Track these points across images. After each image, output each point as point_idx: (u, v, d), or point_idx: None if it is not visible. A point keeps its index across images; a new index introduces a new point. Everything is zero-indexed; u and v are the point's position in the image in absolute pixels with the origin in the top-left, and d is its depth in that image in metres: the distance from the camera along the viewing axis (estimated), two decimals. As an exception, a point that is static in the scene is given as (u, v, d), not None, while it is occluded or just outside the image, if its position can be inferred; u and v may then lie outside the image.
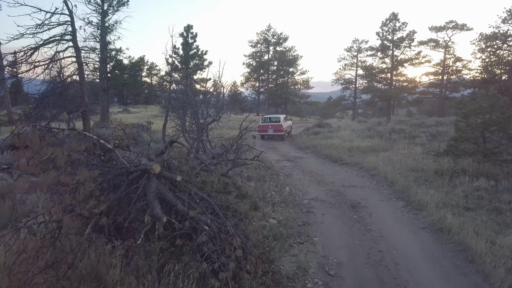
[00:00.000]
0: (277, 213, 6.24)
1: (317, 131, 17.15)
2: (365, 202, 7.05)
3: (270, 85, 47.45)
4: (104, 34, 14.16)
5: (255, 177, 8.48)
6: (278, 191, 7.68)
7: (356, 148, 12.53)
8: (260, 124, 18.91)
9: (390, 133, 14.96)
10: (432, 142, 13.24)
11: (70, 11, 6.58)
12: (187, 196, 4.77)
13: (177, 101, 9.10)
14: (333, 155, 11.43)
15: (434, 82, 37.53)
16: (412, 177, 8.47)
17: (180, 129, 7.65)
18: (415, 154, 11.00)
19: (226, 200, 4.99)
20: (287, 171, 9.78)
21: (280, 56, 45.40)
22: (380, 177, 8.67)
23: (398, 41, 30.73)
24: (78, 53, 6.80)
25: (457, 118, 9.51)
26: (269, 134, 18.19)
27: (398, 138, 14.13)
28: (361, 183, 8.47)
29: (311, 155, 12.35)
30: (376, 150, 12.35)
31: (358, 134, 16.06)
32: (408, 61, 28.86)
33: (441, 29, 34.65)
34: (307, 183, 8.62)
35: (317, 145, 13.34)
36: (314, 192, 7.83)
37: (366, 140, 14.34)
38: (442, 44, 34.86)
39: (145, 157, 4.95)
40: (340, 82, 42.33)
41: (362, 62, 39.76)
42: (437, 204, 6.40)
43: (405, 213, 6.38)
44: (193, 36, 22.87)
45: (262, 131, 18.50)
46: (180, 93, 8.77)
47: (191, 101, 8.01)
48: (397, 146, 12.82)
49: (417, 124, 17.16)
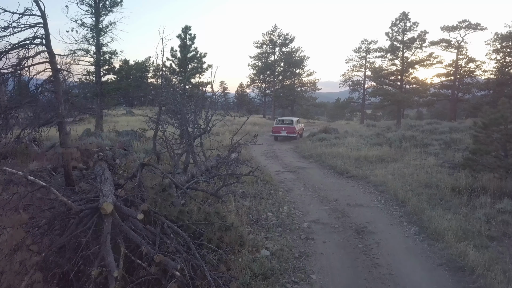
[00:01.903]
0: (271, 241, 5.48)
1: (323, 137, 16.30)
2: (372, 226, 6.24)
3: (276, 87, 46.62)
4: (97, 36, 13.59)
5: (251, 193, 7.72)
6: (276, 211, 6.92)
7: (363, 158, 11.67)
8: (274, 126, 20.46)
9: (401, 140, 14.04)
10: (446, 151, 12.30)
11: (42, 11, 5.94)
12: (159, 230, 4.05)
13: (168, 108, 8.42)
14: (338, 166, 10.61)
15: (445, 83, 36.24)
16: (425, 195, 7.61)
17: (163, 142, 6.94)
18: (428, 166, 10.12)
19: (208, 231, 4.25)
20: (287, 185, 9.00)
21: (287, 57, 44.54)
22: (390, 195, 7.83)
23: (408, 42, 29.51)
24: (52, 58, 6.13)
25: (476, 128, 8.61)
26: (282, 135, 19.57)
27: (409, 146, 13.21)
28: (368, 201, 7.65)
29: (315, 165, 11.53)
30: (385, 160, 11.48)
31: (366, 141, 15.17)
32: (419, 63, 27.62)
33: (454, 29, 33.39)
34: (309, 200, 7.84)
35: (322, 154, 12.52)
36: (316, 212, 7.04)
37: (374, 148, 13.46)
38: (454, 45, 33.60)
39: (111, 184, 4.24)
40: (348, 84, 41.26)
41: (371, 63, 38.69)
42: (456, 232, 5.55)
43: (419, 242, 5.55)
44: (192, 38, 22.10)
45: (276, 132, 19.82)
46: (169, 100, 8.07)
47: (181, 108, 7.31)
48: (408, 155, 11.92)
49: (429, 131, 16.17)
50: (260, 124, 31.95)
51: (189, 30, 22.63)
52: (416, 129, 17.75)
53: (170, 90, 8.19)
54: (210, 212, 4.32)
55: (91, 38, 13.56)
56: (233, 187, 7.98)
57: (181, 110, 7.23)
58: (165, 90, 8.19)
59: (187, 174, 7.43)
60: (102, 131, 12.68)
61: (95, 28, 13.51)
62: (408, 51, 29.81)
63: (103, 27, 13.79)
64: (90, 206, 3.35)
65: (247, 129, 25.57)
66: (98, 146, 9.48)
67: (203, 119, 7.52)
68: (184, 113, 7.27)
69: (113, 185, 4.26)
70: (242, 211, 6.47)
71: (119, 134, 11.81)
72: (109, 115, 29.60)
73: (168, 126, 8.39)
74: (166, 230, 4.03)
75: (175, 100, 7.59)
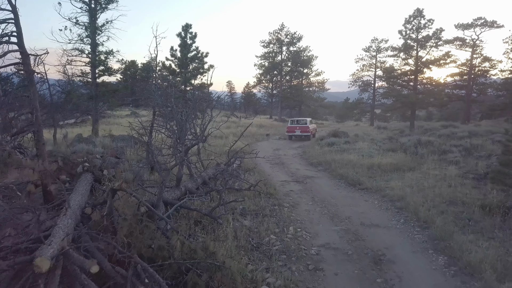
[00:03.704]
0: (273, 273, 4.64)
1: (332, 142, 15.36)
2: (391, 253, 5.35)
3: (283, 87, 45.68)
4: (93, 35, 12.87)
5: (252, 210, 6.89)
6: (280, 232, 6.07)
7: (377, 166, 10.73)
8: (288, 126, 21.93)
9: (416, 146, 13.04)
10: (467, 159, 11.30)
11: (13, 5, 5.23)
12: (131, 273, 3.24)
13: (162, 113, 7.65)
14: (350, 176, 9.70)
15: (459, 83, 34.90)
16: (451, 213, 6.68)
17: (150, 155, 6.17)
18: (449, 177, 9.15)
19: (193, 275, 3.44)
20: (293, 198, 8.14)
21: (294, 57, 43.58)
22: (409, 213, 6.92)
23: (423, 40, 28.15)
24: (25, 59, 5.37)
25: (508, 137, 7.62)
26: (296, 134, 20.99)
27: (425, 153, 12.22)
28: (385, 220, 6.75)
29: (324, 174, 10.64)
30: (400, 169, 10.53)
31: (378, 146, 14.21)
32: (434, 63, 26.26)
33: (469, 27, 32.10)
34: (318, 217, 6.98)
35: (332, 162, 11.61)
36: (326, 233, 6.18)
37: (388, 154, 12.50)
38: (469, 43, 32.28)
39: (73, 216, 3.44)
40: (357, 84, 40.09)
41: (382, 63, 37.50)
42: (494, 266, 4.63)
43: (450, 278, 4.65)
44: (192, 37, 21.15)
45: (290, 132, 21.21)
46: (162, 104, 7.29)
47: (174, 115, 6.52)
48: (425, 163, 10.95)
49: (447, 135, 15.11)
50: (266, 126, 30.94)
51: (190, 28, 21.66)
52: (431, 133, 16.70)
53: (163, 92, 7.39)
54: (196, 248, 3.50)
55: (86, 37, 12.90)
56: (232, 203, 7.18)
57: (174, 116, 6.45)
58: (157, 93, 7.40)
59: (180, 188, 6.64)
60: (97, 136, 11.99)
61: (90, 26, 12.82)
62: (423, 50, 28.49)
63: (99, 26, 13.08)
64: (22, 260, 2.55)
65: (252, 131, 24.78)
66: (87, 154, 8.75)
67: (199, 126, 6.71)
68: (178, 120, 6.48)
69: (77, 214, 3.48)
70: (241, 234, 5.65)
71: (114, 139, 11.08)
72: (113, 116, 29.13)
73: (159, 134, 7.61)
74: (140, 272, 3.23)
75: (167, 105, 6.84)
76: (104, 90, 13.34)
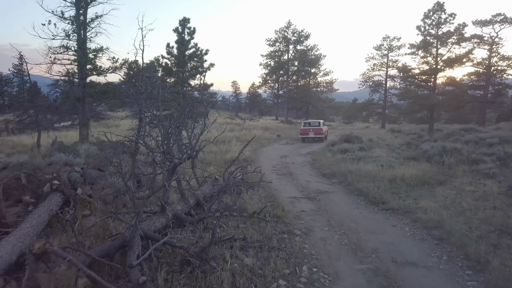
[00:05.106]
0: None
1: (345, 148, 13.93)
2: (442, 312, 4.00)
3: (289, 87, 44.25)
4: (79, 30, 11.64)
5: (255, 240, 5.57)
6: (290, 274, 4.75)
7: (400, 178, 9.34)
8: (302, 128, 22.13)
9: (441, 154, 11.59)
10: (504, 170, 9.84)
11: None
12: None
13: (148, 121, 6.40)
14: (370, 192, 8.33)
15: (476, 84, 33.17)
16: (505, 247, 5.29)
17: (133, 170, 4.93)
18: (490, 195, 7.74)
19: None
20: (306, 221, 6.80)
21: (301, 56, 42.13)
22: (453, 246, 5.53)
23: (444, 37, 26.19)
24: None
25: None
26: (309, 136, 21.15)
27: (453, 163, 10.77)
28: (422, 256, 5.37)
29: (339, 188, 9.27)
30: (428, 182, 9.13)
31: (397, 153, 12.78)
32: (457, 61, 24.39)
33: (487, 23, 30.34)
34: (337, 250, 5.63)
35: (347, 173, 10.22)
36: (349, 274, 4.84)
37: (410, 164, 11.08)
38: (488, 41, 30.53)
39: None
40: (368, 84, 38.49)
41: (394, 62, 35.86)
42: None
43: None
44: (191, 32, 19.63)
45: (304, 134, 21.35)
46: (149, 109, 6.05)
47: (159, 124, 5.26)
48: (457, 177, 9.51)
49: (474, 142, 13.60)
50: (272, 129, 29.45)
51: (188, 22, 20.08)
52: (455, 138, 15.17)
53: (149, 95, 6.12)
54: None
55: (72, 32, 11.66)
56: (231, 227, 5.89)
57: (158, 126, 5.20)
58: (142, 96, 6.14)
59: (166, 215, 5.36)
60: (84, 142, 10.75)
61: (76, 20, 11.58)
62: (443, 47, 26.59)
63: (89, 20, 11.84)
64: None
65: (257, 135, 23.42)
66: (65, 167, 7.51)
67: (190, 138, 5.41)
68: (165, 130, 5.21)
69: None
70: (241, 281, 4.34)
71: (103, 146, 9.89)
72: (113, 118, 28.07)
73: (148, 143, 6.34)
74: None
75: (152, 112, 5.62)
76: (92, 91, 12.09)
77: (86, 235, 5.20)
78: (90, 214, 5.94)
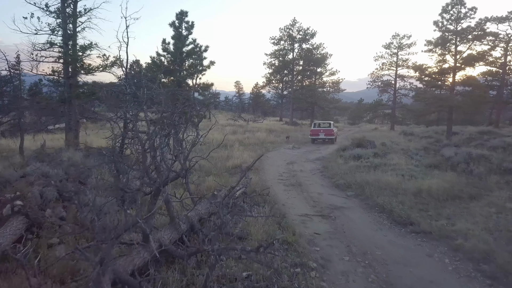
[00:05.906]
0: None
1: (358, 154, 12.73)
2: None
3: (294, 87, 43.04)
4: (65, 25, 10.59)
5: (261, 279, 4.46)
6: (307, 332, 3.63)
7: (426, 191, 8.17)
8: (312, 129, 22.15)
9: (467, 161, 10.40)
10: (545, 182, 8.63)
11: None
12: None
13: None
14: (394, 209, 7.18)
15: (491, 84, 31.77)
16: None
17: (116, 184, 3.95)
18: (538, 214, 6.56)
19: None
20: (321, 248, 5.67)
21: (307, 55, 40.92)
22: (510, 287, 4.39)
23: (464, 33, 24.42)
24: None
25: None
26: (320, 137, 21.12)
27: (483, 173, 9.58)
28: (475, 303, 4.23)
29: (356, 203, 8.11)
30: (459, 197, 7.97)
31: (416, 160, 11.60)
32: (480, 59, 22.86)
33: (503, 20, 28.94)
34: (362, 290, 4.51)
35: (364, 184, 9.07)
36: (383, 331, 3.72)
37: (433, 174, 9.90)
38: (504, 39, 29.12)
39: None
40: (376, 84, 37.16)
41: (404, 61, 34.52)
42: None
43: None
44: (189, 27, 18.27)
45: (314, 135, 21.37)
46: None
47: (137, 137, 4.19)
48: (491, 190, 8.34)
49: (502, 147, 12.36)
50: (277, 131, 28.24)
51: (185, 16, 18.61)
52: (477, 143, 13.93)
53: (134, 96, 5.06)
54: None
55: (57, 26, 10.63)
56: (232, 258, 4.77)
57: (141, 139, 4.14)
58: (127, 98, 5.08)
59: (149, 247, 4.27)
60: (70, 148, 9.68)
61: (61, 13, 10.53)
62: (463, 44, 24.83)
63: (78, 13, 10.80)
64: None
65: (261, 138, 22.27)
66: (41, 179, 6.45)
67: (179, 152, 4.33)
68: (143, 146, 4.14)
69: None
70: None
71: (89, 154, 8.79)
72: (113, 119, 27.04)
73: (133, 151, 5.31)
74: None
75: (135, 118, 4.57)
76: (79, 91, 11.02)
77: (47, 274, 4.12)
78: (59, 243, 4.88)
